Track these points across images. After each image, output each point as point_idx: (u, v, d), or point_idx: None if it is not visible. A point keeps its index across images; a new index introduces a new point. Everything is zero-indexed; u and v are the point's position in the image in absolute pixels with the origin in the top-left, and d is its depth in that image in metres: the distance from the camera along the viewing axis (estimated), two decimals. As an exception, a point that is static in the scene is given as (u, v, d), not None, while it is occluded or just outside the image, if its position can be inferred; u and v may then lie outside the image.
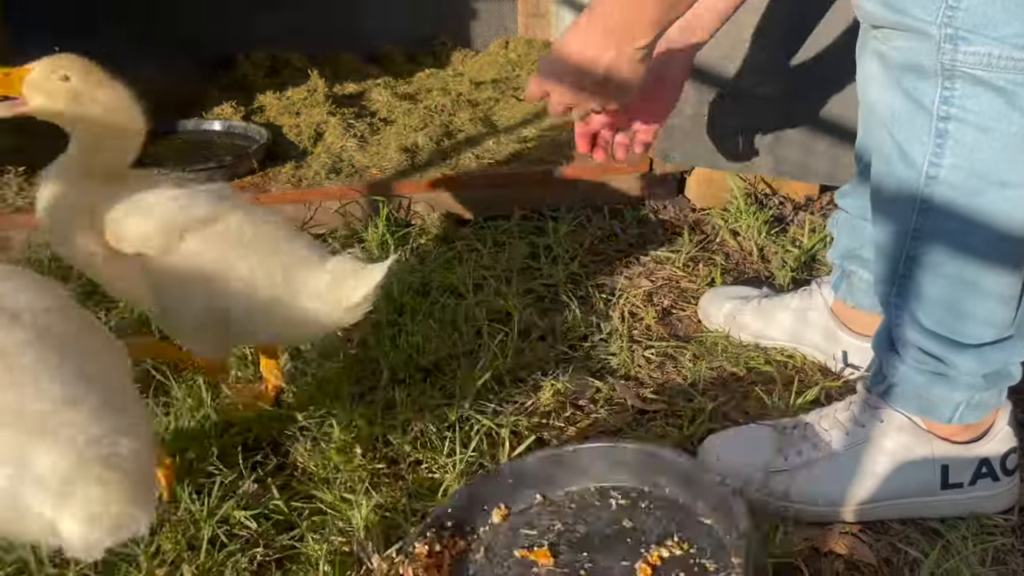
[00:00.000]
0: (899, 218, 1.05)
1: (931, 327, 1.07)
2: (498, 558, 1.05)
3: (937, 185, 0.99)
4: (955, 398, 1.10)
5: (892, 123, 1.01)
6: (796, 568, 1.08)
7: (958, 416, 1.11)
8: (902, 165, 1.02)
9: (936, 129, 0.96)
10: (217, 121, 2.19)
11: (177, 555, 1.03)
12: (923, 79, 0.96)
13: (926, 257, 1.03)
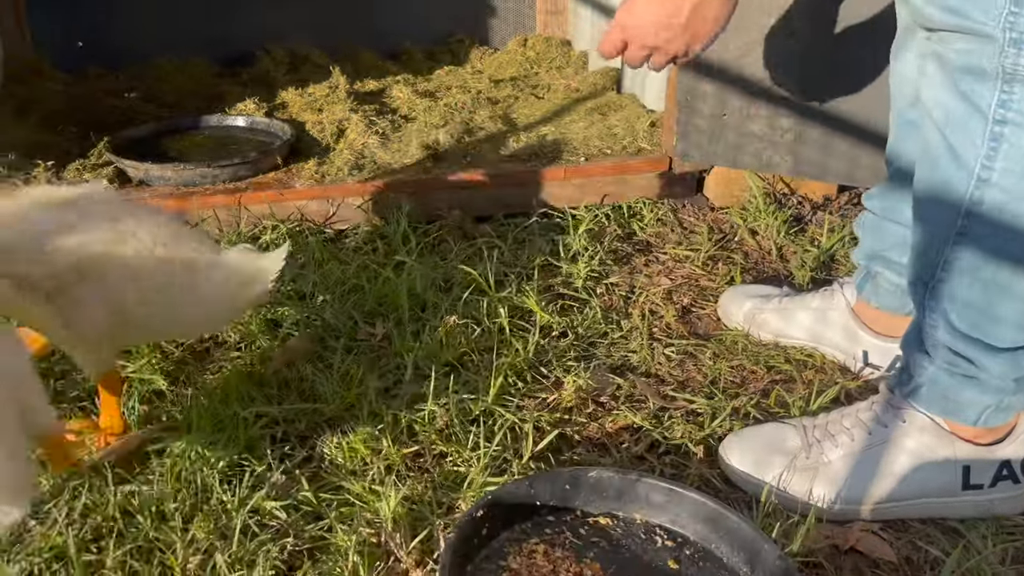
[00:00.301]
0: (943, 220, 1.05)
1: (965, 330, 1.07)
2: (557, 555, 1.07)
3: (988, 188, 0.99)
4: (984, 401, 1.11)
5: (946, 124, 1.02)
6: (818, 565, 1.10)
7: (984, 419, 1.12)
8: (953, 167, 1.02)
9: (991, 132, 0.97)
10: (240, 117, 2.21)
11: (210, 544, 1.05)
12: (981, 82, 0.97)
13: (966, 260, 1.04)
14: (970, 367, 1.09)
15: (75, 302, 1.07)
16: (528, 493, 1.12)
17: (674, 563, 1.08)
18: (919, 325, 1.14)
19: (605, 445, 1.31)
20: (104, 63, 2.68)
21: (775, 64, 1.80)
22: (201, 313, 1.20)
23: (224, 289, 1.19)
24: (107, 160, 1.94)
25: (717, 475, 1.25)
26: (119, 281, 1.10)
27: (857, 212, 2.03)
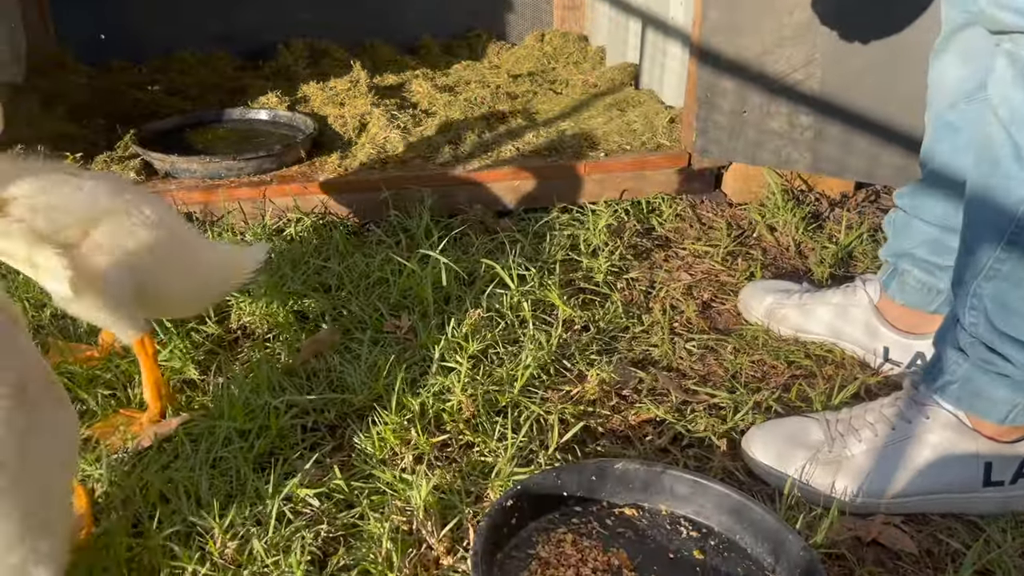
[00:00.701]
0: (999, 218, 1.06)
1: (1005, 328, 1.09)
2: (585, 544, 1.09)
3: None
4: (1015, 400, 1.12)
5: (1011, 122, 1.02)
6: (840, 557, 1.12)
7: (1012, 417, 1.14)
8: (1016, 166, 1.03)
9: None
10: (263, 110, 2.23)
11: (246, 529, 1.07)
12: None
13: (1017, 260, 1.05)
14: (1007, 365, 1.10)
15: (90, 259, 1.16)
16: (556, 484, 1.14)
17: (699, 553, 1.10)
18: (956, 321, 1.16)
19: (629, 438, 1.33)
20: (127, 56, 2.70)
21: (796, 62, 1.81)
22: (194, 291, 1.32)
23: (217, 272, 1.32)
24: (133, 152, 1.96)
25: (740, 468, 1.27)
26: (133, 247, 1.20)
27: (874, 210, 2.05)
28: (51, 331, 1.49)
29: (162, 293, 1.26)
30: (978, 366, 1.14)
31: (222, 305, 1.58)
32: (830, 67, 1.80)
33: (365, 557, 1.05)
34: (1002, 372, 1.12)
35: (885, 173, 1.87)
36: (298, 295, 1.60)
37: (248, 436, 1.23)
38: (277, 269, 1.66)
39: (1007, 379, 1.12)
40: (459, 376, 1.37)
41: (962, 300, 1.15)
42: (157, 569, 1.02)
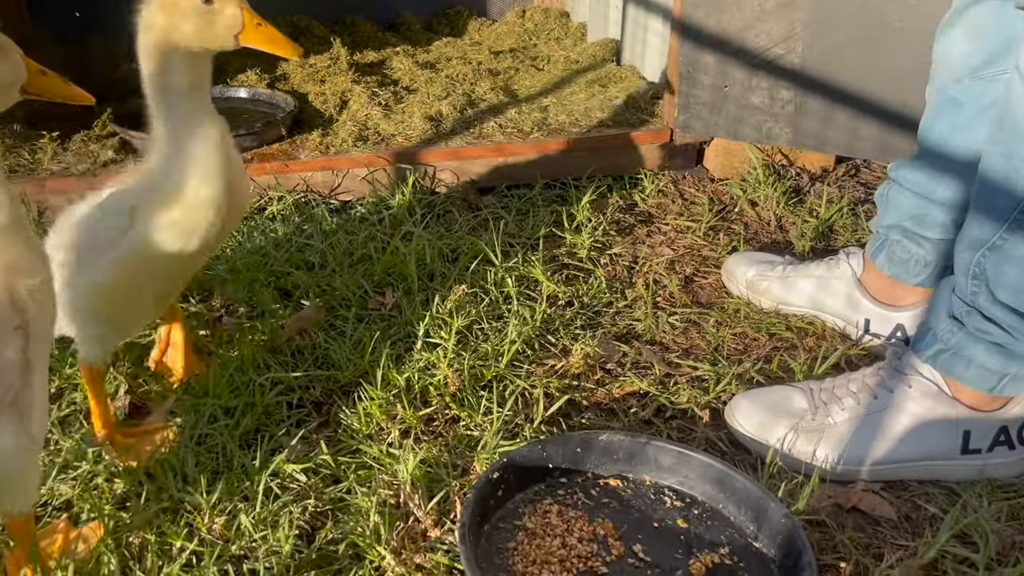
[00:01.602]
0: (1012, 189, 1.07)
1: (1006, 299, 1.11)
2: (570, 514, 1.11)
3: None
4: (1007, 369, 1.14)
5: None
6: (821, 523, 1.14)
7: (1001, 387, 1.16)
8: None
9: None
10: (242, 88, 2.21)
11: (233, 505, 1.08)
12: None
13: (1017, 244, 1.07)
14: (1004, 336, 1.12)
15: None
16: (541, 456, 1.15)
17: (683, 522, 1.12)
18: (951, 291, 1.17)
19: (613, 410, 1.34)
20: (103, 35, 2.66)
21: (776, 36, 1.82)
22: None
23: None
24: (111, 131, 1.94)
25: (723, 438, 1.28)
26: None
27: (854, 184, 2.07)
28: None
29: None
30: (972, 335, 1.16)
31: (204, 284, 1.57)
32: (811, 41, 1.81)
33: (353, 530, 1.05)
34: (996, 341, 1.14)
35: (865, 147, 1.88)
36: (281, 273, 1.59)
37: (234, 413, 1.23)
38: (259, 248, 1.65)
39: (1000, 348, 1.14)
40: (445, 351, 1.37)
41: (964, 268, 1.16)
42: (145, 546, 1.02)
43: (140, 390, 1.32)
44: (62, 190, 1.75)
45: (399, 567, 1.01)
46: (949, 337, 1.18)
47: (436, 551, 1.05)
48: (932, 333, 1.21)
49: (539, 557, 1.04)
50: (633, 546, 1.07)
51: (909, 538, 1.13)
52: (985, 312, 1.13)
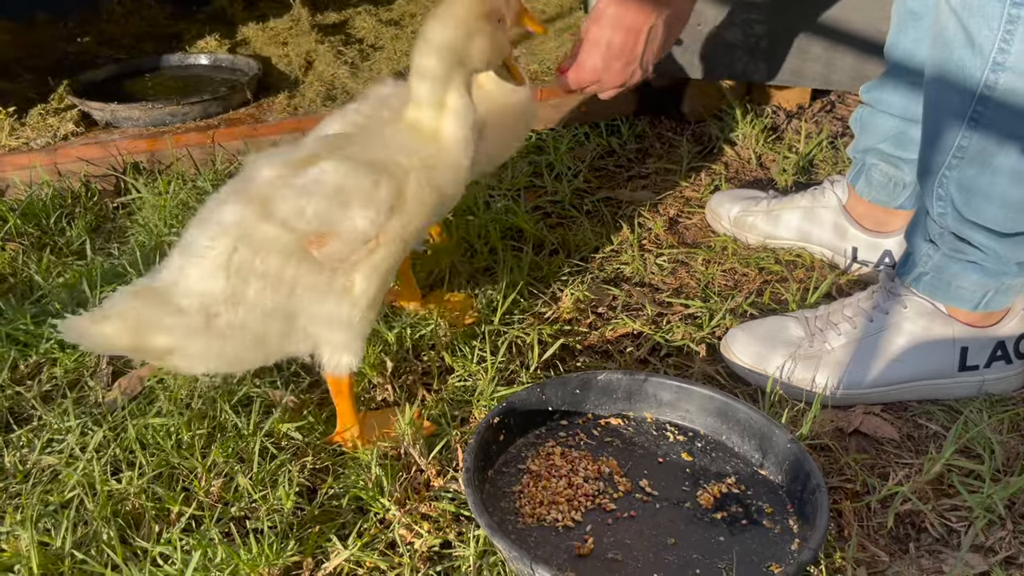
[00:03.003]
0: (956, 106, 1.06)
1: (972, 216, 1.09)
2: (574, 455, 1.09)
3: (1002, 72, 1.00)
4: (986, 285, 1.14)
5: (962, 9, 1.01)
6: (825, 448, 1.13)
7: (985, 303, 1.16)
8: (968, 51, 1.02)
9: (1008, 15, 0.97)
10: (203, 55, 2.14)
11: (230, 467, 1.05)
12: None
13: (977, 146, 1.05)
14: (975, 252, 1.12)
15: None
16: (540, 399, 1.13)
17: (687, 455, 1.10)
18: (925, 215, 1.16)
19: (608, 352, 1.32)
20: (50, 10, 2.57)
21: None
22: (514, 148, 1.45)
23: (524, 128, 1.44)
24: (69, 104, 1.87)
25: (721, 371, 1.27)
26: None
27: (831, 119, 2.05)
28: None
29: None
30: (948, 256, 1.15)
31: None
32: (782, -28, 1.78)
33: (355, 484, 1.03)
34: (971, 259, 1.13)
35: (841, 78, 1.87)
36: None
37: (226, 376, 1.20)
38: (234, 212, 1.60)
39: (977, 266, 1.13)
40: (432, 305, 1.34)
41: (929, 192, 1.15)
42: (142, 513, 0.99)
43: (121, 361, 1.28)
44: (23, 165, 1.69)
45: (404, 517, 0.99)
46: (927, 260, 1.17)
47: (440, 499, 1.03)
48: (912, 258, 1.20)
49: (546, 498, 1.02)
50: (639, 481, 1.06)
51: (913, 456, 1.12)
52: (956, 232, 1.13)
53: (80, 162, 1.72)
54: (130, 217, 1.66)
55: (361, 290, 1.00)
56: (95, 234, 1.60)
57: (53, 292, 1.40)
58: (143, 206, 1.64)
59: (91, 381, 1.23)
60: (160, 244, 1.51)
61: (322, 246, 0.97)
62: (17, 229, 1.58)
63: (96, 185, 1.72)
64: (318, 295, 0.98)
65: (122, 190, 1.75)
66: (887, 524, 1.02)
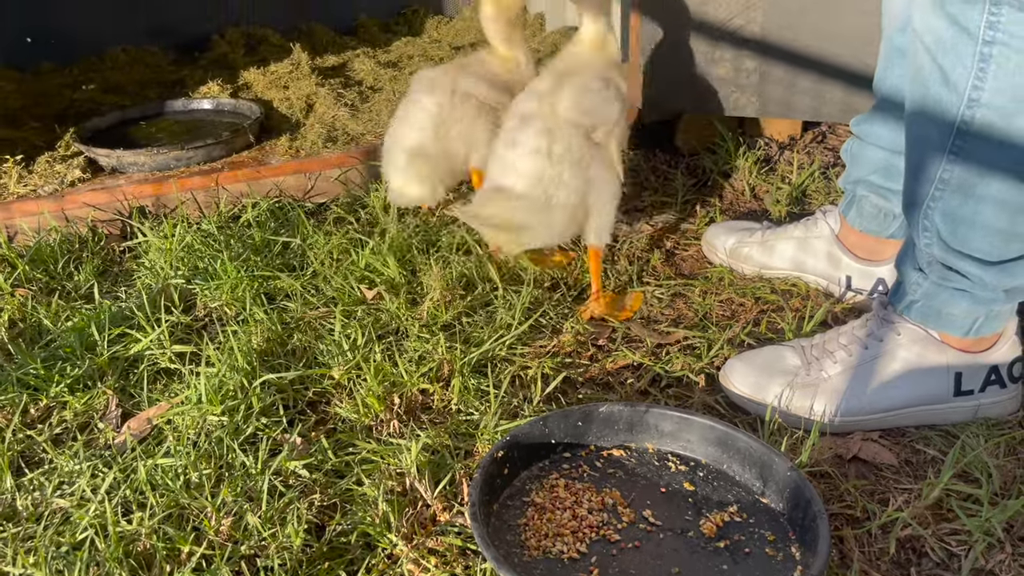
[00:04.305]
0: (936, 141, 1.09)
1: (957, 246, 1.12)
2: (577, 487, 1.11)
3: (978, 108, 1.03)
4: (976, 312, 1.16)
5: (936, 48, 1.05)
6: (825, 475, 1.15)
7: (975, 329, 1.18)
8: (944, 89, 1.06)
9: (980, 54, 1.01)
10: (206, 100, 2.19)
11: (239, 506, 1.06)
12: (970, 5, 1.00)
13: (959, 178, 1.08)
14: (963, 280, 1.14)
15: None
16: (543, 432, 1.15)
17: (689, 485, 1.12)
18: (913, 244, 1.19)
19: (609, 383, 1.34)
20: (56, 58, 2.63)
21: (735, 7, 1.83)
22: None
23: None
24: (76, 150, 1.91)
25: (720, 401, 1.29)
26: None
27: (822, 149, 2.09)
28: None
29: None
30: (937, 284, 1.18)
31: (185, 294, 1.56)
32: (770, 9, 1.83)
33: (362, 520, 1.04)
34: (959, 287, 1.16)
35: (831, 110, 1.91)
36: (264, 278, 1.58)
37: (233, 415, 1.22)
38: (239, 255, 1.64)
39: (965, 294, 1.16)
40: (437, 341, 1.37)
41: (914, 223, 1.18)
42: (153, 553, 1.01)
43: (130, 403, 1.30)
44: (31, 212, 1.72)
45: (412, 552, 1.01)
46: (917, 288, 1.20)
47: (447, 534, 1.04)
48: (902, 286, 1.23)
49: (551, 530, 1.04)
50: (643, 512, 1.07)
51: (912, 481, 1.14)
52: (944, 261, 1.15)
53: (87, 208, 1.75)
54: (136, 260, 1.69)
55: (615, 154, 1.44)
56: (102, 278, 1.63)
57: (62, 336, 1.42)
58: (149, 249, 1.67)
59: (101, 423, 1.25)
60: (166, 287, 1.54)
61: (594, 130, 1.41)
62: (26, 275, 1.61)
63: (103, 230, 1.75)
64: (601, 166, 1.42)
65: (128, 234, 1.78)
66: (888, 550, 1.03)
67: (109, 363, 1.36)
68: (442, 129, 1.63)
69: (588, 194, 1.41)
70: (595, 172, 1.41)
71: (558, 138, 1.37)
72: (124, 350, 1.39)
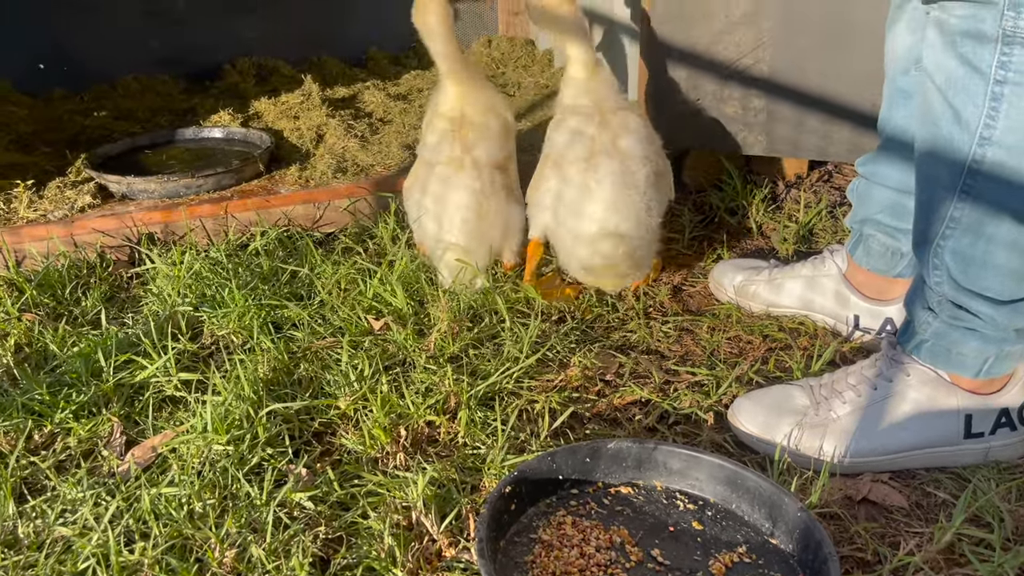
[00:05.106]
0: (946, 179, 1.10)
1: (968, 284, 1.12)
2: (585, 524, 1.10)
3: (989, 146, 1.04)
4: (986, 352, 1.16)
5: (947, 87, 1.06)
6: (835, 516, 1.14)
7: (986, 370, 1.17)
8: (955, 127, 1.06)
9: (992, 93, 1.02)
10: (216, 128, 2.20)
11: (243, 538, 1.05)
12: (982, 45, 1.01)
13: (970, 217, 1.09)
14: (973, 320, 1.14)
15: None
16: (551, 468, 1.14)
17: (698, 524, 1.11)
18: (923, 283, 1.19)
19: (617, 420, 1.33)
20: (68, 85, 2.65)
21: (746, 47, 1.85)
22: None
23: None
24: (87, 176, 1.92)
25: (728, 439, 1.28)
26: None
27: (829, 188, 2.10)
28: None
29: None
30: (947, 323, 1.17)
31: (193, 322, 1.55)
32: (778, 49, 1.84)
33: (367, 554, 1.03)
34: (970, 327, 1.16)
35: (837, 150, 1.92)
36: (271, 306, 1.58)
37: (238, 444, 1.21)
38: (247, 283, 1.64)
39: (976, 333, 1.16)
40: (444, 374, 1.36)
41: (924, 261, 1.18)
42: (155, 584, 1.00)
43: (134, 430, 1.29)
44: (40, 237, 1.73)
45: (418, 588, 1.00)
46: (926, 328, 1.20)
47: (453, 570, 1.03)
48: (912, 326, 1.23)
49: (558, 569, 1.02)
50: (651, 551, 1.06)
51: (923, 525, 1.13)
52: (953, 300, 1.15)
53: (96, 233, 1.76)
54: (144, 287, 1.69)
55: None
56: (109, 304, 1.63)
57: (68, 362, 1.42)
58: (157, 276, 1.68)
59: (105, 451, 1.24)
60: (173, 314, 1.54)
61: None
62: (33, 300, 1.61)
63: (111, 256, 1.76)
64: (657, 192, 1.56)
65: (136, 260, 1.78)
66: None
67: (115, 390, 1.36)
68: (483, 208, 1.57)
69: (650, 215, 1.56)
70: (652, 194, 1.57)
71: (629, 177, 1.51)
72: (130, 377, 1.38)
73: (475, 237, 1.57)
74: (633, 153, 1.51)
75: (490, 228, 1.58)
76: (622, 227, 1.50)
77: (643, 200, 1.50)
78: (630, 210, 1.50)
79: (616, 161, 1.49)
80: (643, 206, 1.51)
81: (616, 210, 1.49)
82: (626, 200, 1.49)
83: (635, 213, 1.50)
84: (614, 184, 1.48)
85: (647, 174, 1.52)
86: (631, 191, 1.49)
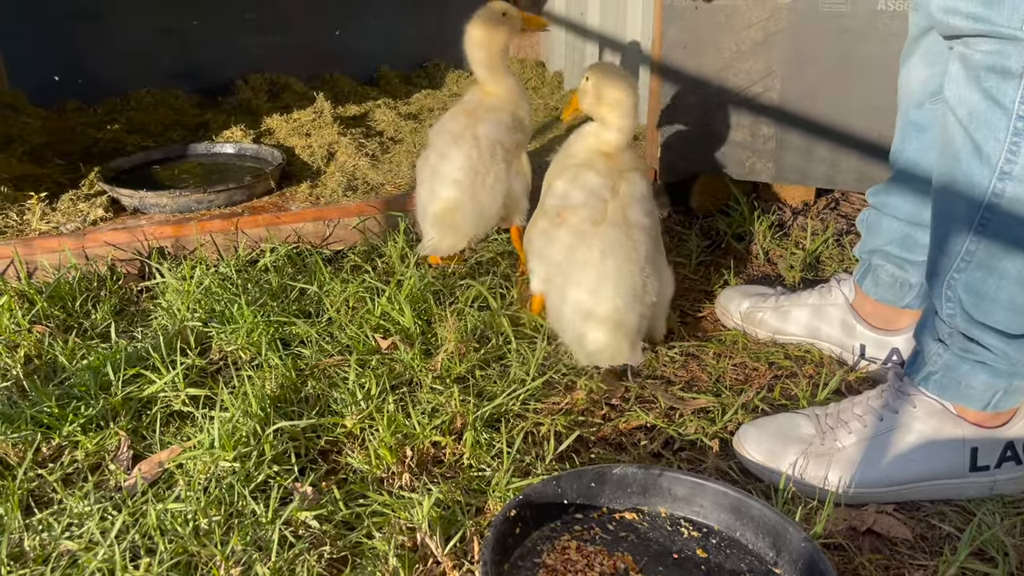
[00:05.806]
0: (964, 213, 1.11)
1: (980, 318, 1.13)
2: (589, 549, 1.10)
3: (1009, 181, 1.05)
4: (995, 385, 1.16)
5: (969, 121, 1.07)
6: (839, 547, 1.14)
7: (994, 403, 1.18)
8: (976, 162, 1.07)
9: (1014, 128, 1.03)
10: (229, 144, 2.22)
11: (248, 556, 1.06)
12: (1005, 80, 1.02)
13: (985, 251, 1.10)
14: (984, 353, 1.14)
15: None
16: (556, 492, 1.14)
17: (702, 552, 1.11)
18: (934, 315, 1.20)
19: (622, 444, 1.34)
20: (82, 97, 2.68)
21: (755, 75, 1.87)
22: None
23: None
24: (99, 190, 1.94)
25: (733, 467, 1.28)
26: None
27: (836, 216, 2.11)
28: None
29: None
30: (957, 355, 1.18)
31: (201, 337, 1.56)
32: (788, 78, 1.86)
33: (372, 575, 1.03)
34: (980, 360, 1.16)
35: (846, 179, 1.93)
36: (279, 323, 1.58)
37: (245, 461, 1.21)
38: (256, 299, 1.65)
39: (986, 366, 1.16)
40: (451, 394, 1.37)
41: (937, 293, 1.18)
42: (160, 601, 1.00)
43: (142, 445, 1.30)
44: (52, 249, 1.74)
45: (422, 610, 1.00)
46: (936, 359, 1.20)
47: (457, 593, 1.03)
48: (921, 357, 1.23)
49: (562, 594, 1.03)
50: (655, 578, 1.06)
51: (927, 558, 1.13)
52: (965, 332, 1.16)
53: (107, 246, 1.77)
54: (153, 301, 1.70)
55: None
56: (119, 317, 1.64)
57: (77, 375, 1.42)
58: (166, 290, 1.69)
59: (112, 465, 1.25)
60: (182, 329, 1.54)
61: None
62: (44, 312, 1.62)
63: (122, 269, 1.77)
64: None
65: (147, 274, 1.79)
66: (903, 627, 1.02)
67: (123, 403, 1.37)
68: (477, 181, 1.69)
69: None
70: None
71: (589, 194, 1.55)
72: (138, 391, 1.39)
73: (467, 195, 1.69)
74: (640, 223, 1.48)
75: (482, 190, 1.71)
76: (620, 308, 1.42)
77: (641, 275, 1.44)
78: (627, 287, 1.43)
79: (622, 232, 1.45)
80: (640, 281, 1.44)
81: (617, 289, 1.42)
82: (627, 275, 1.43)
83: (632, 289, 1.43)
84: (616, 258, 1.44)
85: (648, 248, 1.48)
86: (632, 265, 1.44)
